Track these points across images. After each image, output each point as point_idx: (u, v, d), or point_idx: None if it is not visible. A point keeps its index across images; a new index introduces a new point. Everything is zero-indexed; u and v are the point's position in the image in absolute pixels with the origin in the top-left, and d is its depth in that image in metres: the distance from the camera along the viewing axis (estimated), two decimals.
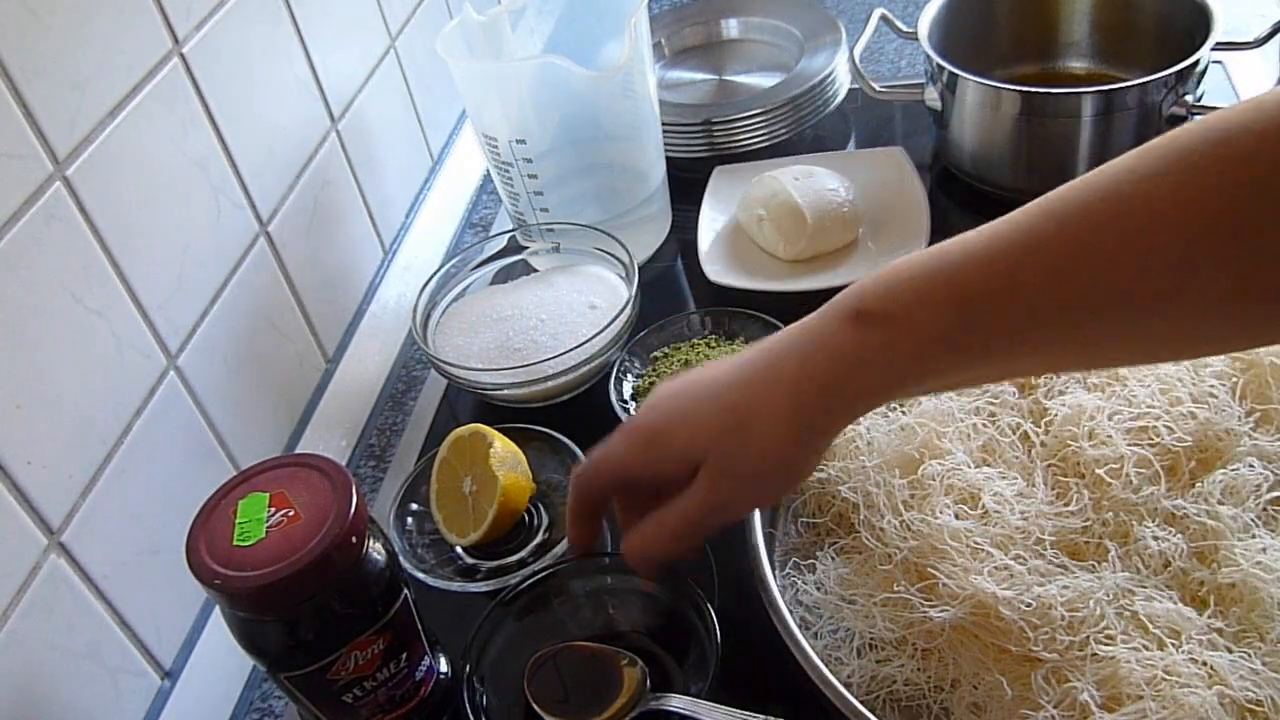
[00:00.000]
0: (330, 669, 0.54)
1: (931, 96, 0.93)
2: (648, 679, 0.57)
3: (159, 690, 0.67)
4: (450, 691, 0.64)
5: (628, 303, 0.82)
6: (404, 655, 0.58)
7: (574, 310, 0.85)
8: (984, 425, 0.62)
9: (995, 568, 0.54)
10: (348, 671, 0.55)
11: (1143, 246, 0.40)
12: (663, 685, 0.58)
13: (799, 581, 0.59)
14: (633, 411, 0.81)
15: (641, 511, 0.56)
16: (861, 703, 0.50)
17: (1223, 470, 0.56)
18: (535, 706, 0.58)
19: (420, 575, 0.71)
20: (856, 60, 0.96)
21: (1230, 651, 0.50)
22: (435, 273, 0.91)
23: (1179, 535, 0.54)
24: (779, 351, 0.51)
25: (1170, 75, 0.81)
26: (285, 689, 0.55)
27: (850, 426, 0.64)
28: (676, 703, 0.55)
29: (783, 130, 1.02)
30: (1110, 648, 0.50)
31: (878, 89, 0.95)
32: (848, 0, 1.27)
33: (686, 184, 1.00)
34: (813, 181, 0.90)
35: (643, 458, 0.56)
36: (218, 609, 0.73)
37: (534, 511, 0.76)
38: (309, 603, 0.52)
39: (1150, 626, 0.51)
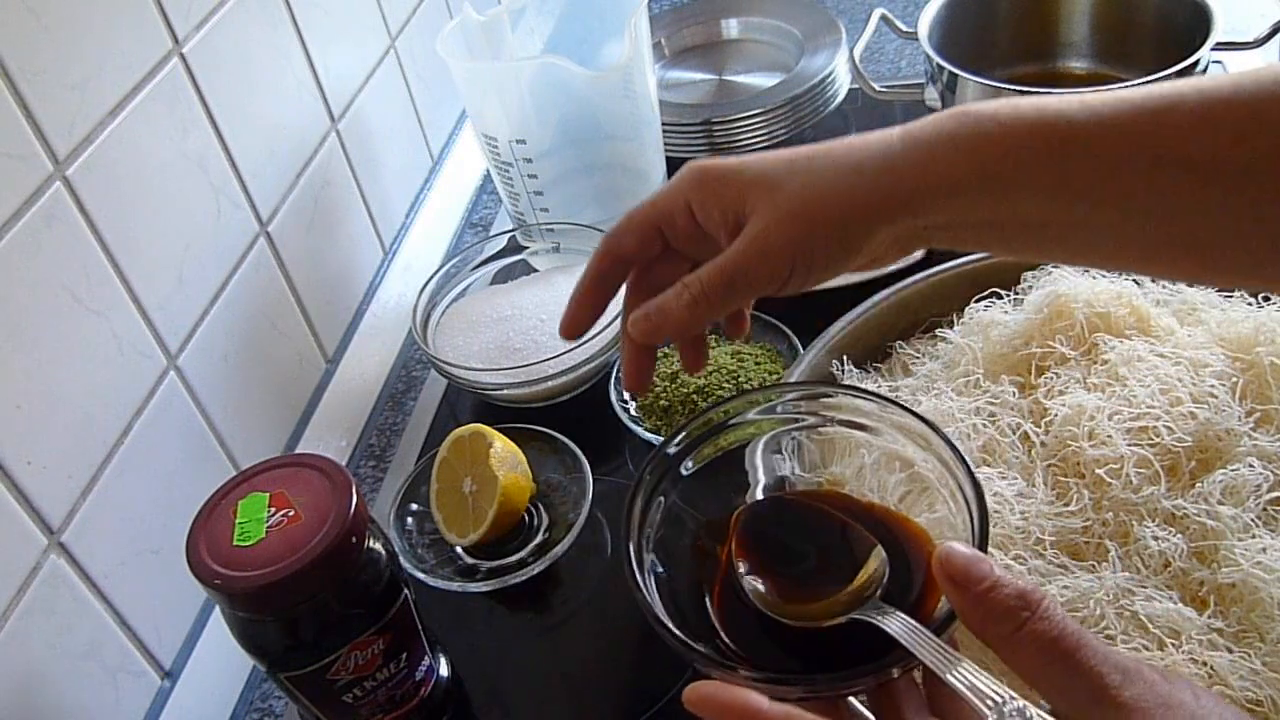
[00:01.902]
0: (330, 669, 0.54)
1: (931, 96, 0.93)
2: (885, 574, 0.42)
3: (159, 690, 0.67)
4: (450, 692, 0.64)
5: None
6: (404, 655, 0.58)
7: None
8: (984, 425, 0.62)
9: None
10: (348, 671, 0.55)
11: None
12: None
13: None
14: (633, 411, 0.81)
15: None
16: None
17: (1223, 470, 0.56)
18: (739, 563, 0.44)
19: (420, 575, 0.71)
20: (856, 60, 0.95)
21: (1230, 651, 0.50)
22: (435, 273, 0.91)
23: (1179, 535, 0.54)
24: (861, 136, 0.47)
25: (1170, 75, 0.81)
26: (285, 689, 0.55)
27: None
28: (897, 627, 0.39)
29: (783, 130, 1.02)
30: (1110, 648, 0.50)
31: (878, 89, 0.95)
32: (848, 0, 1.27)
33: None
34: None
35: (691, 194, 0.48)
36: (218, 609, 0.73)
37: (534, 511, 0.76)
38: (309, 603, 0.52)
39: (1150, 626, 0.51)
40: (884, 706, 0.39)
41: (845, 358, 0.69)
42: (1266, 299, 0.64)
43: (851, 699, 0.40)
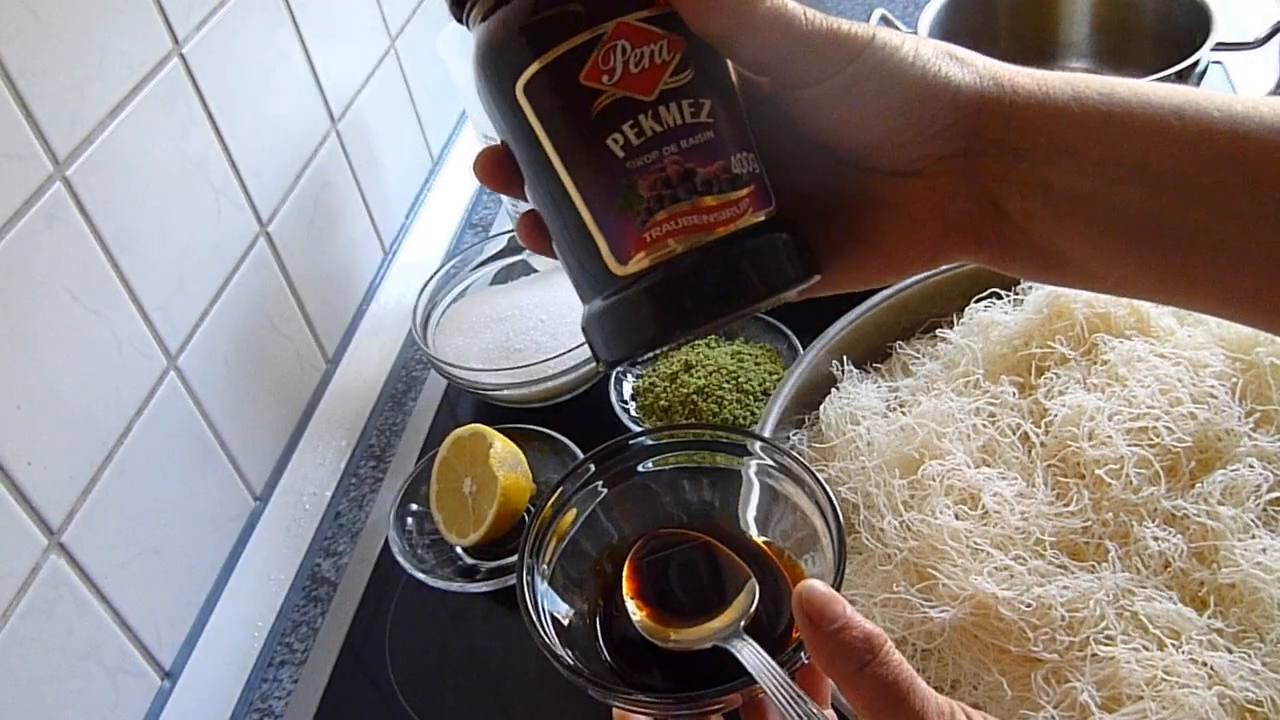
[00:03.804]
0: (583, 64, 0.35)
1: None
2: (753, 606, 0.43)
3: (159, 690, 0.67)
4: (792, 250, 0.38)
5: None
6: (707, 104, 0.36)
7: (574, 310, 0.85)
8: (984, 426, 0.62)
9: (995, 568, 0.54)
10: (611, 78, 0.35)
11: None
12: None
13: None
14: (633, 411, 0.81)
15: None
16: None
17: (1223, 470, 0.56)
18: (630, 597, 0.46)
19: (420, 575, 0.71)
20: None
21: (1230, 652, 0.50)
22: (435, 273, 0.91)
23: (1179, 535, 0.54)
24: None
25: (1170, 75, 0.81)
26: (521, 116, 0.37)
27: (850, 426, 0.64)
28: (750, 656, 0.40)
29: None
30: (1110, 648, 0.50)
31: None
32: (848, 0, 1.27)
33: None
34: None
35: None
36: (218, 608, 0.73)
37: (534, 511, 0.76)
38: None
39: (1150, 627, 0.51)
40: None
41: (845, 358, 0.69)
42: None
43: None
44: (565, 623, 0.46)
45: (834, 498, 0.44)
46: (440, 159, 1.13)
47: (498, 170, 0.39)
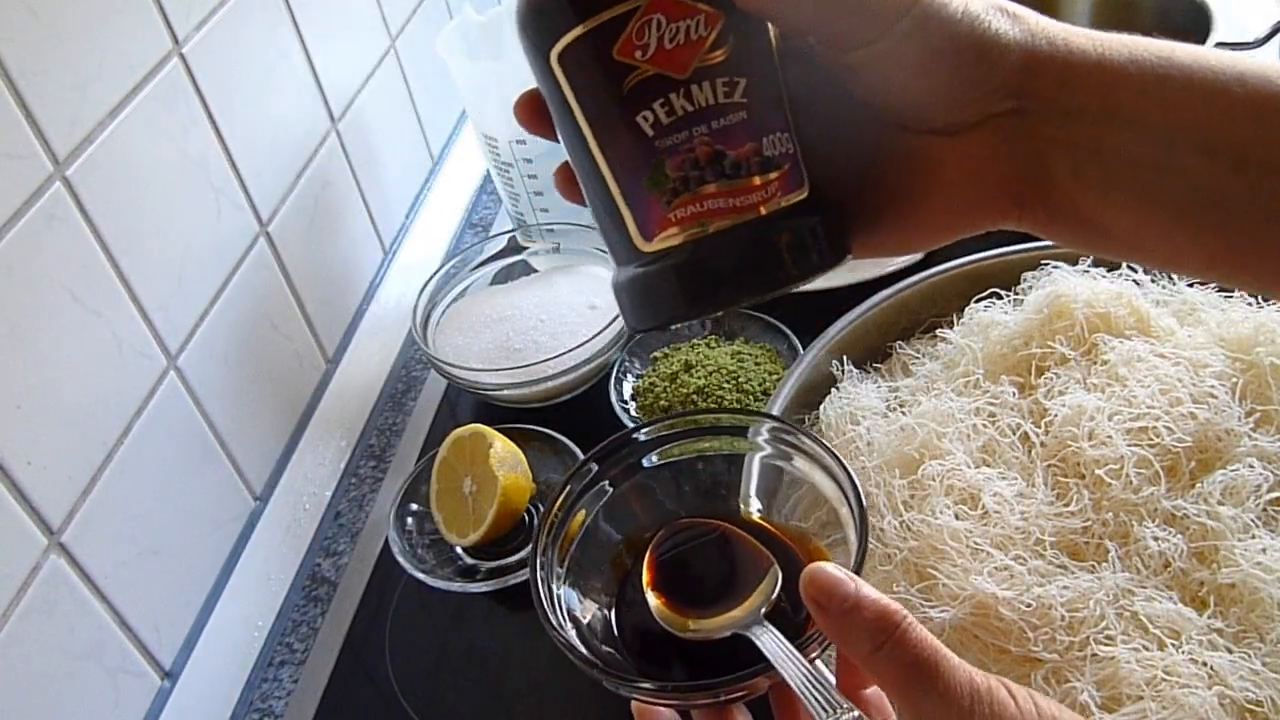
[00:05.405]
0: (617, 37, 0.35)
1: None
2: (775, 592, 0.43)
3: (159, 690, 0.67)
4: (821, 236, 0.38)
5: None
6: (742, 82, 0.36)
7: (574, 310, 0.85)
8: (984, 426, 0.62)
9: (995, 568, 0.54)
10: (645, 54, 0.35)
11: None
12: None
13: None
14: (633, 411, 0.81)
15: None
16: None
17: (1223, 470, 0.56)
18: (649, 588, 0.45)
19: (420, 575, 0.71)
20: None
21: (1230, 652, 0.50)
22: (435, 273, 0.91)
23: (1179, 535, 0.54)
24: None
25: None
26: (561, 88, 0.37)
27: (850, 426, 0.64)
28: (769, 642, 0.40)
29: None
30: (1110, 648, 0.50)
31: None
32: None
33: None
34: None
35: None
36: (218, 608, 0.73)
37: (534, 511, 0.76)
38: None
39: (1150, 627, 0.51)
40: (785, 712, 0.42)
41: (845, 358, 0.69)
42: (1266, 299, 0.64)
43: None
44: (583, 618, 0.46)
45: (852, 472, 0.42)
46: (440, 159, 1.13)
47: (534, 115, 0.39)
